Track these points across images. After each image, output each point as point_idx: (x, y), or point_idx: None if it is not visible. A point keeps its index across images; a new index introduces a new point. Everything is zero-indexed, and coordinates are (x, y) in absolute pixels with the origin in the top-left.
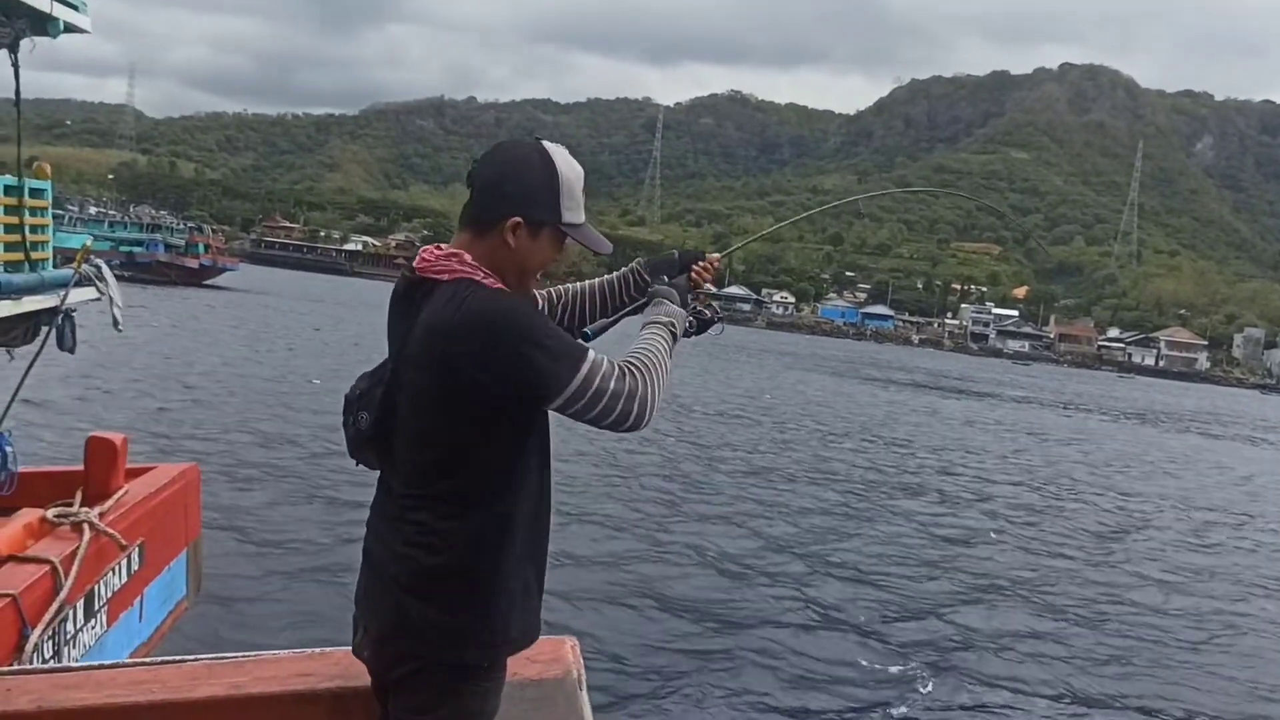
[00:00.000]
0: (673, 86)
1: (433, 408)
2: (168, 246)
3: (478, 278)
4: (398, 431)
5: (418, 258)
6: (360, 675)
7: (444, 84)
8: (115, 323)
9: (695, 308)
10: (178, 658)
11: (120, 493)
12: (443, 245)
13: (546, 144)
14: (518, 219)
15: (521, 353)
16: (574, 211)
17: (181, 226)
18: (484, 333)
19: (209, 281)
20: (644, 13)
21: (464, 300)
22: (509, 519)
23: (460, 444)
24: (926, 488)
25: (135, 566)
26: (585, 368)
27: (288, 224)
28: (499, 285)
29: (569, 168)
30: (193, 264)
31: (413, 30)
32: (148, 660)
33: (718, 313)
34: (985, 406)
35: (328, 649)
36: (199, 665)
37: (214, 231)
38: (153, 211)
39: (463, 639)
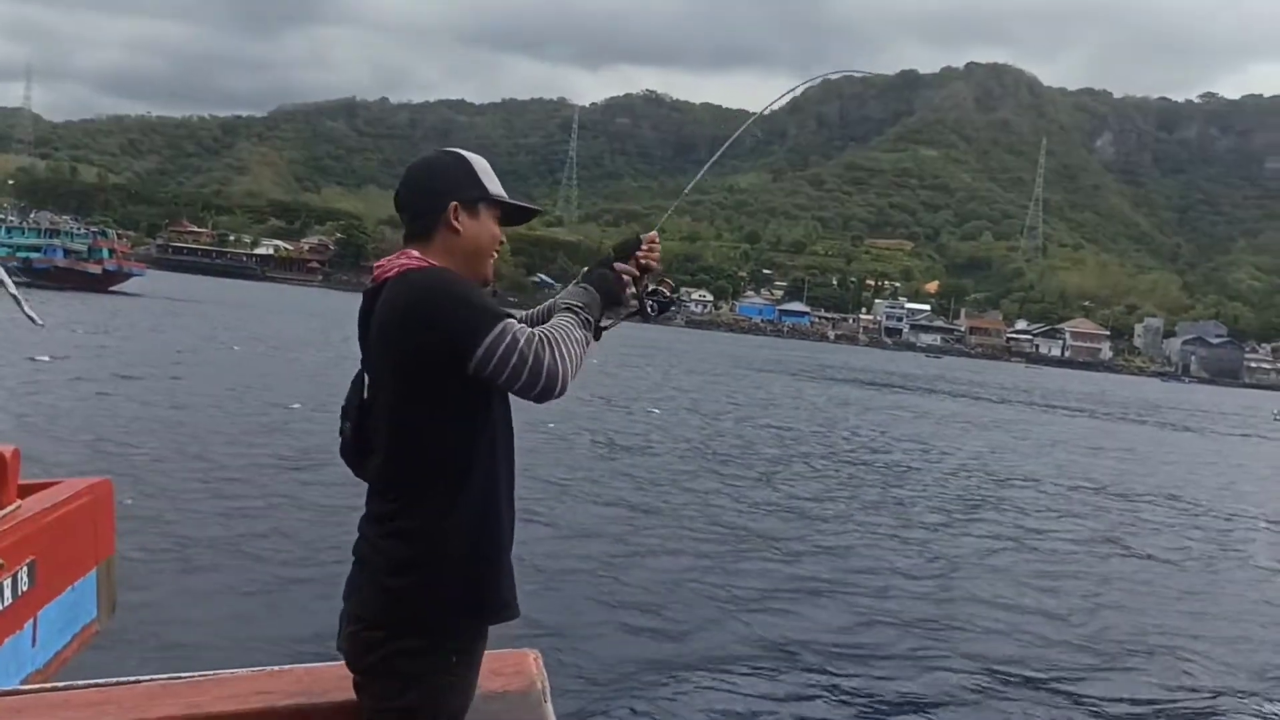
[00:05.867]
0: (604, 89)
1: (391, 394)
2: (68, 252)
3: (424, 266)
4: (374, 436)
5: (374, 268)
6: (321, 692)
7: (369, 85)
8: (31, 319)
9: (649, 287)
10: (132, 678)
11: (11, 508)
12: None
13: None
14: (454, 203)
15: (445, 307)
16: (496, 187)
17: (83, 232)
18: (416, 297)
19: (114, 288)
20: (579, 15)
21: (404, 279)
22: (467, 504)
23: (414, 427)
24: (912, 489)
25: (25, 586)
26: (500, 327)
27: (196, 228)
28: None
29: (475, 156)
30: (95, 269)
31: (339, 32)
32: (101, 681)
33: (675, 289)
34: (943, 403)
35: (286, 667)
36: (154, 685)
37: (119, 236)
38: (53, 216)
39: (435, 613)
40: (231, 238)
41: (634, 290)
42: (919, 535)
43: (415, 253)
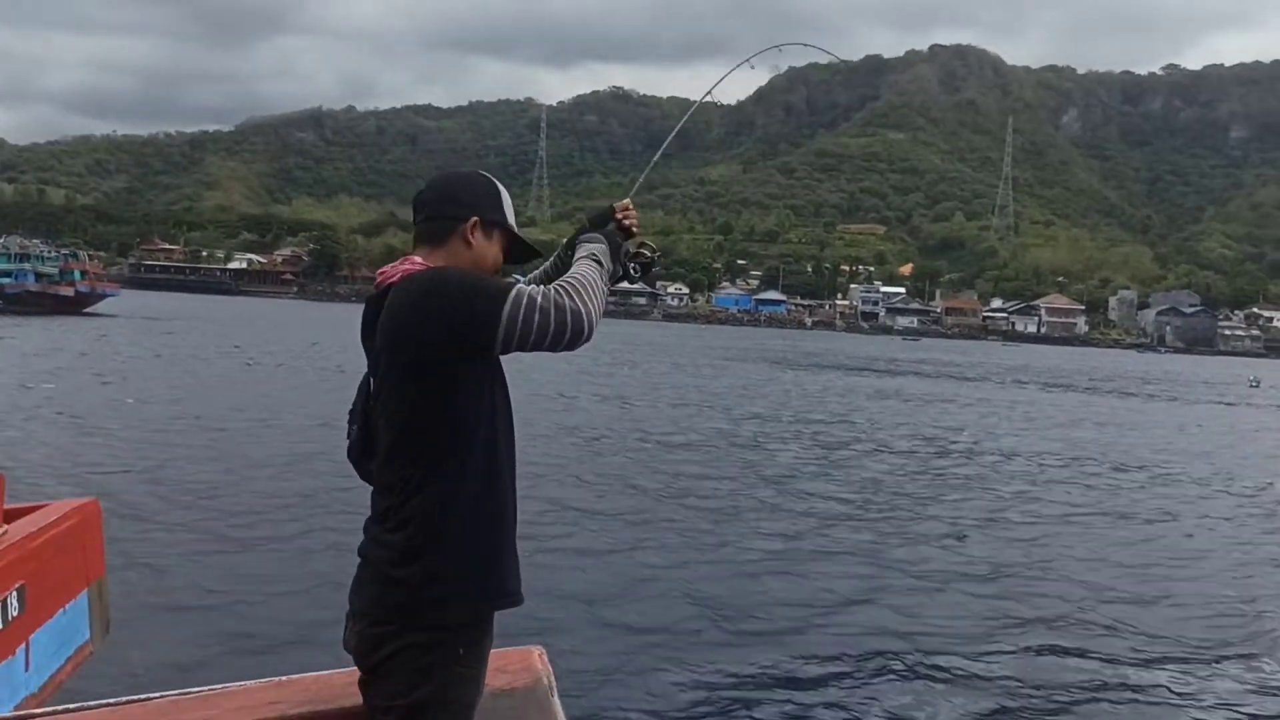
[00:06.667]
0: (571, 87)
1: (395, 389)
2: (39, 276)
3: (428, 268)
4: (378, 436)
5: (377, 275)
6: (331, 699)
7: (335, 95)
8: None
9: (629, 251)
10: (143, 695)
11: None
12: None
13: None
14: (475, 218)
15: (455, 298)
16: (513, 221)
17: (54, 254)
18: (423, 294)
19: (88, 309)
20: (545, 15)
21: (411, 280)
22: (469, 489)
23: (417, 420)
24: (931, 473)
25: (15, 611)
26: (511, 296)
27: (167, 246)
28: None
29: (503, 188)
30: (67, 291)
31: (304, 42)
32: (112, 700)
33: (656, 251)
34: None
35: (294, 676)
36: (165, 701)
37: (90, 258)
38: (23, 240)
39: (441, 600)
40: (204, 253)
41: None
42: (946, 521)
43: (419, 259)
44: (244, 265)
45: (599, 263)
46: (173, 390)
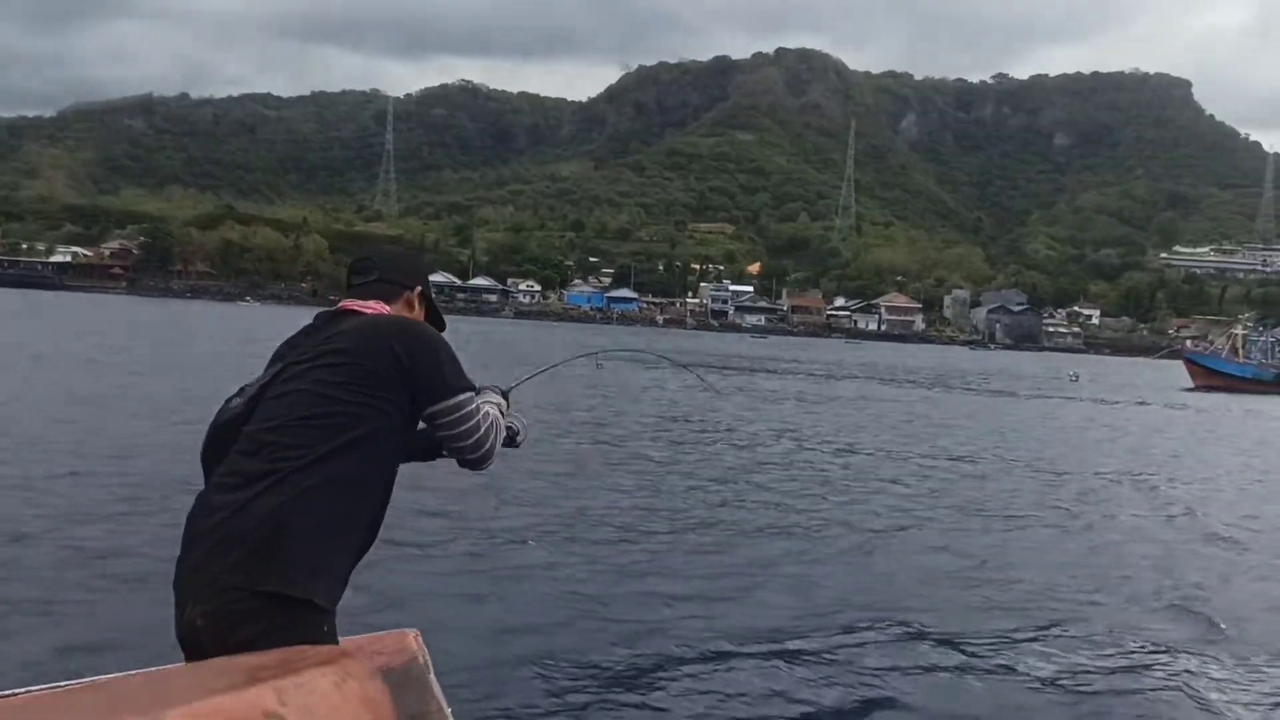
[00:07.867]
0: (422, 80)
1: (347, 377)
2: None
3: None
4: (272, 406)
5: (342, 302)
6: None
7: (168, 81)
8: None
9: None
10: (8, 691)
11: None
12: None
13: None
14: (420, 288)
15: (439, 359)
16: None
17: None
18: (420, 337)
19: None
20: (394, 5)
21: (398, 319)
22: (365, 494)
23: (356, 412)
24: (789, 472)
25: None
26: (468, 393)
27: None
28: None
29: None
30: None
31: (135, 25)
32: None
33: (523, 425)
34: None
35: (167, 666)
36: (44, 694)
37: None
38: None
39: (311, 577)
40: (24, 246)
41: None
42: (805, 518)
43: (385, 307)
44: (68, 258)
45: (502, 414)
46: (8, 386)
